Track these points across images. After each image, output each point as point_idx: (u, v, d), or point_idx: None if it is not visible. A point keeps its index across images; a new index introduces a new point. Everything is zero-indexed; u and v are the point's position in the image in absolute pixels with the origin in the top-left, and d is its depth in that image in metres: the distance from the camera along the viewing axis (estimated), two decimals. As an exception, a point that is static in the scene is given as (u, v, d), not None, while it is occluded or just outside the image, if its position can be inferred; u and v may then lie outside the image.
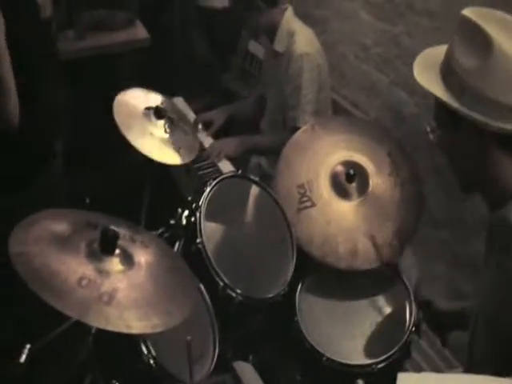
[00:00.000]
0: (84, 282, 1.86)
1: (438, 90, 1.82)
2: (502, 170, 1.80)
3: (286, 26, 3.69)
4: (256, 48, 4.31)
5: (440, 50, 1.94)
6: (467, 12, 1.81)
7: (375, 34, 3.80)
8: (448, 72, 1.82)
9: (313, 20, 4.40)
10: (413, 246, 2.94)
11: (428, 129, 1.96)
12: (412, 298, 2.71)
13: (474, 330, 1.92)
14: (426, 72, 1.88)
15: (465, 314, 2.42)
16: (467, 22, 1.78)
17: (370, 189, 2.91)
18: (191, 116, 3.93)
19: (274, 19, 3.70)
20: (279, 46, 3.71)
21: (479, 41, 1.73)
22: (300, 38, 3.65)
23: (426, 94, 3.27)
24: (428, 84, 1.85)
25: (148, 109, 2.85)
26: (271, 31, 3.73)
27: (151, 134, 2.79)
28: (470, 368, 1.95)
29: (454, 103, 1.76)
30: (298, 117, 3.59)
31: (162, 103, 2.88)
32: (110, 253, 1.99)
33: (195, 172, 3.47)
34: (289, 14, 3.74)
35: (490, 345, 1.84)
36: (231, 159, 3.65)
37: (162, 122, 2.86)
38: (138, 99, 2.89)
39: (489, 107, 1.72)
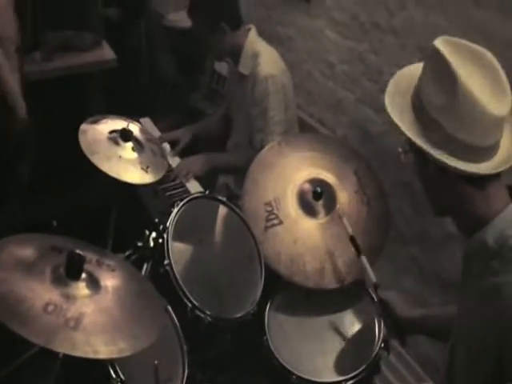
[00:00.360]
0: (50, 308, 1.85)
1: (405, 122, 1.81)
2: (471, 202, 1.79)
3: (250, 48, 3.71)
4: (222, 67, 4.33)
5: (414, 71, 1.92)
6: (439, 43, 1.78)
7: (340, 51, 3.83)
8: (417, 104, 1.81)
9: (278, 39, 4.43)
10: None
11: (400, 150, 1.94)
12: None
13: (452, 350, 1.93)
14: (396, 103, 1.88)
15: (423, 321, 2.45)
16: (437, 54, 1.75)
17: (337, 207, 2.92)
18: (158, 136, 3.93)
19: (238, 41, 3.71)
20: (244, 69, 3.73)
21: (447, 77, 1.71)
22: (264, 59, 3.67)
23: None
24: (397, 115, 1.84)
25: (113, 132, 2.84)
26: (235, 53, 3.75)
27: (120, 157, 2.78)
28: None
29: (418, 139, 1.76)
30: (267, 138, 3.60)
31: (127, 125, 2.87)
32: (76, 277, 1.98)
33: (163, 193, 3.46)
34: (252, 34, 3.76)
35: (467, 363, 1.84)
36: (199, 179, 3.64)
37: (129, 144, 2.85)
38: (102, 124, 2.88)
39: (453, 146, 1.73)
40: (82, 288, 1.98)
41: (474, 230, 1.80)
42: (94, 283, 2.03)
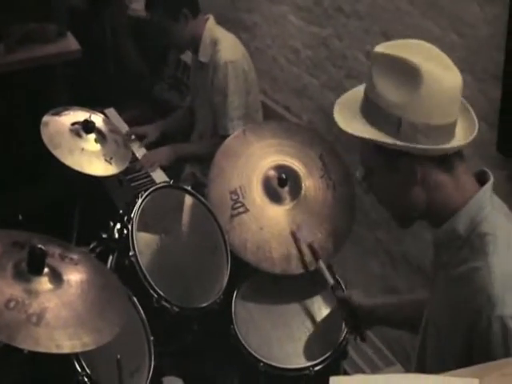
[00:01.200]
0: (12, 304, 1.85)
1: (370, 133, 1.74)
2: (443, 190, 1.78)
3: (208, 36, 3.71)
4: (188, 56, 4.31)
5: (353, 95, 1.88)
6: (382, 48, 1.74)
7: (305, 37, 3.82)
8: (373, 112, 1.75)
9: (243, 25, 4.42)
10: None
11: (359, 177, 1.90)
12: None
13: (424, 337, 1.93)
14: (349, 119, 1.80)
15: (380, 310, 2.46)
16: (386, 57, 1.72)
17: (303, 192, 2.94)
18: (123, 127, 3.92)
19: (197, 30, 3.71)
20: (204, 57, 3.73)
21: (406, 73, 1.68)
22: (223, 45, 3.67)
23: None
24: (357, 130, 1.76)
25: (75, 124, 2.82)
26: (195, 43, 3.75)
27: (83, 149, 2.77)
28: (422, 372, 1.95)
29: (392, 141, 1.70)
30: (227, 124, 3.61)
31: (90, 117, 2.85)
32: (38, 272, 1.98)
33: (128, 184, 3.45)
34: (210, 23, 3.76)
35: (439, 351, 1.85)
36: (164, 169, 3.64)
37: (92, 136, 2.84)
38: (64, 116, 2.86)
39: (428, 133, 1.70)
40: (44, 283, 1.98)
41: (442, 220, 1.80)
42: (56, 277, 2.03)
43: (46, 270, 2.00)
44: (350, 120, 1.79)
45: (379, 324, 2.52)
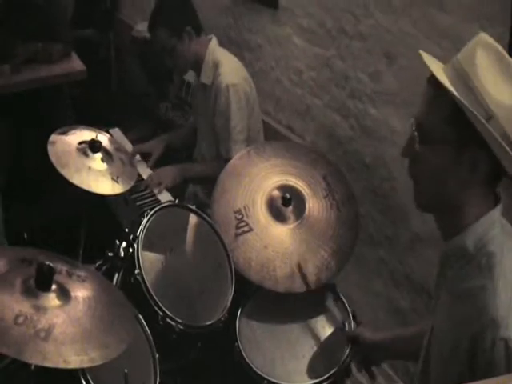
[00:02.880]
0: (20, 320, 1.86)
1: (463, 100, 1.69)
2: (471, 201, 1.77)
3: (210, 58, 3.74)
4: (192, 76, 4.34)
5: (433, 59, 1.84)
6: (492, 41, 1.75)
7: (308, 58, 3.85)
8: (467, 89, 1.69)
9: (246, 46, 4.46)
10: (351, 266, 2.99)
11: (416, 134, 1.78)
12: (351, 317, 2.76)
13: (426, 355, 1.93)
14: (440, 74, 1.73)
15: (390, 345, 2.48)
16: (496, 51, 1.72)
17: (307, 212, 2.96)
18: (128, 146, 3.93)
19: (199, 50, 3.75)
20: (205, 79, 3.76)
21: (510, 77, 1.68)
22: (225, 69, 3.70)
23: (359, 117, 3.37)
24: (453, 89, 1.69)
25: (82, 143, 2.85)
26: (197, 64, 3.78)
27: (89, 168, 2.79)
28: None
29: (485, 123, 1.65)
30: (230, 148, 3.64)
31: (96, 136, 2.88)
32: (46, 289, 2.00)
33: (133, 203, 3.48)
34: (213, 44, 3.79)
35: (442, 369, 1.84)
36: (169, 187, 3.65)
37: (98, 155, 2.86)
38: (71, 136, 2.89)
39: (507, 145, 1.66)
40: (52, 299, 2.00)
41: (453, 231, 1.80)
42: (64, 294, 2.04)
43: (53, 286, 2.02)
44: (440, 72, 1.73)
45: (389, 359, 2.54)
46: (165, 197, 3.54)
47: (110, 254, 2.68)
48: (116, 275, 2.66)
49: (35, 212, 3.94)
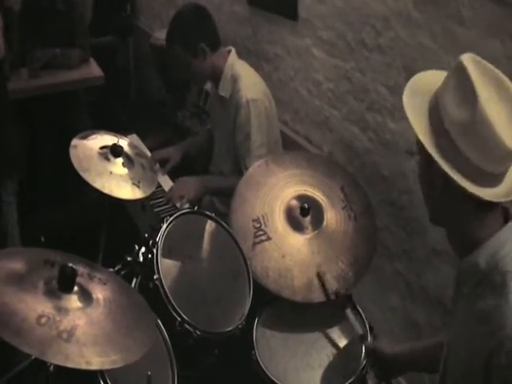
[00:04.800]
0: (43, 320, 1.87)
1: (420, 124, 1.77)
2: (469, 222, 1.78)
3: (229, 70, 3.73)
4: (209, 85, 4.35)
5: (436, 76, 1.89)
6: (466, 59, 1.75)
7: (327, 69, 3.86)
8: (434, 111, 1.77)
9: (265, 57, 4.47)
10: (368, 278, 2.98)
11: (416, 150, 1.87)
12: (367, 328, 2.76)
13: (444, 367, 1.93)
14: (415, 103, 1.81)
15: (407, 357, 2.47)
16: (462, 70, 1.73)
17: (325, 222, 2.97)
18: (146, 153, 3.92)
19: (218, 64, 3.73)
20: (224, 91, 3.74)
21: (469, 96, 1.69)
22: (244, 83, 3.67)
23: (377, 130, 3.38)
24: (414, 115, 1.78)
25: (104, 148, 2.86)
26: (215, 76, 3.77)
27: (111, 172, 2.79)
28: None
29: (430, 146, 1.73)
30: (250, 163, 3.56)
31: (118, 141, 2.89)
32: (69, 290, 2.01)
33: (151, 209, 3.48)
34: (232, 57, 3.77)
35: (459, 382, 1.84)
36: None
37: (120, 160, 2.87)
38: (92, 140, 2.90)
39: (461, 162, 1.71)
40: (74, 301, 2.01)
41: (465, 250, 1.81)
42: (85, 296, 2.05)
43: (75, 288, 2.03)
44: (415, 104, 1.81)
45: (406, 371, 2.54)
46: (184, 205, 3.53)
47: (128, 259, 2.69)
48: (134, 280, 2.66)
49: (52, 216, 3.95)
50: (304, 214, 2.96)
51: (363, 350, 2.67)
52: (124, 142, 2.97)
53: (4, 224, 3.50)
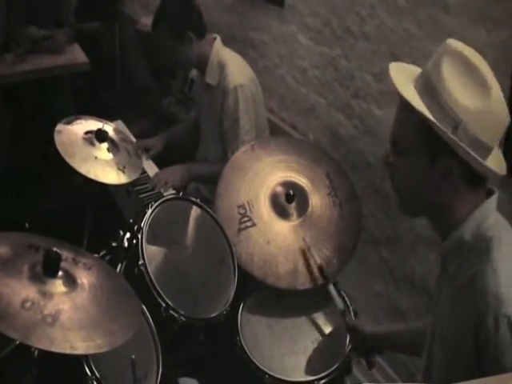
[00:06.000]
0: (27, 305, 1.86)
1: (418, 102, 1.75)
2: (461, 199, 1.80)
3: (215, 58, 3.73)
4: (195, 73, 4.34)
5: (407, 68, 1.92)
6: (460, 47, 1.78)
7: (313, 56, 3.86)
8: (433, 99, 1.75)
9: (251, 44, 4.46)
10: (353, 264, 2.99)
11: (384, 154, 1.89)
12: (351, 312, 2.77)
13: (429, 351, 1.94)
14: (406, 88, 1.78)
15: (388, 338, 2.49)
16: (463, 57, 1.75)
17: (310, 209, 2.97)
18: (131, 139, 3.92)
19: (204, 51, 3.73)
20: (211, 79, 3.75)
21: (479, 84, 1.72)
22: (231, 69, 3.68)
23: (363, 117, 3.38)
24: (417, 103, 1.75)
25: (88, 133, 2.85)
26: (201, 64, 3.77)
27: (96, 157, 2.78)
28: None
29: (450, 135, 1.70)
30: (238, 149, 3.59)
31: (103, 126, 2.88)
32: (53, 275, 2.00)
33: (136, 195, 3.46)
34: (217, 44, 3.78)
35: (446, 364, 1.85)
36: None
37: (104, 145, 2.85)
38: (77, 125, 2.88)
39: (478, 147, 1.71)
40: (58, 285, 2.00)
41: (450, 229, 1.82)
42: (70, 281, 2.05)
43: (60, 273, 2.02)
44: (406, 88, 1.78)
45: (386, 349, 2.55)
46: (168, 191, 3.54)
47: (113, 245, 2.69)
48: (119, 266, 2.66)
49: (36, 202, 3.94)
50: (289, 200, 2.96)
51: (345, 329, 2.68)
52: (109, 128, 2.95)
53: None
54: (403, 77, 1.84)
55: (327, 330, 2.82)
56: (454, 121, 1.71)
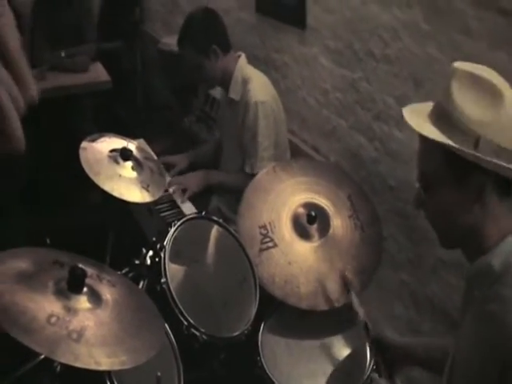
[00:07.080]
0: (53, 320, 1.86)
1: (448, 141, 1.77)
2: (494, 219, 1.80)
3: (240, 74, 3.79)
4: (217, 91, 4.37)
5: (418, 106, 1.96)
6: (464, 66, 1.83)
7: (334, 79, 3.87)
8: (449, 125, 1.79)
9: (273, 65, 4.48)
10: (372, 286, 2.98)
11: (421, 189, 1.92)
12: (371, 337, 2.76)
13: (450, 375, 1.93)
14: (422, 125, 1.84)
15: (411, 349, 2.47)
16: (469, 74, 1.79)
17: (331, 230, 2.97)
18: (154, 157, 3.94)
19: (228, 67, 3.79)
20: (234, 94, 3.80)
21: (489, 93, 1.75)
22: (254, 85, 3.74)
23: (384, 140, 3.38)
24: (434, 135, 1.79)
25: (113, 151, 2.86)
26: (226, 79, 3.82)
27: (120, 175, 2.79)
28: None
29: (472, 152, 1.73)
30: (256, 164, 3.67)
31: (127, 144, 2.89)
32: (78, 291, 2.00)
33: (157, 213, 3.48)
34: (242, 61, 3.84)
35: None
36: (192, 200, 3.66)
37: (129, 163, 2.86)
38: (101, 143, 2.90)
39: (504, 156, 1.73)
40: (83, 301, 2.00)
41: (479, 252, 1.81)
42: (95, 297, 2.05)
43: (85, 289, 2.03)
44: (422, 125, 1.83)
45: (410, 364, 2.53)
46: (188, 208, 3.55)
47: (136, 262, 2.70)
48: (141, 283, 2.66)
49: (58, 219, 3.95)
50: (311, 221, 2.96)
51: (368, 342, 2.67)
52: (133, 146, 2.97)
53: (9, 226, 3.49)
54: (417, 116, 1.88)
55: (347, 350, 2.81)
56: (473, 138, 1.73)
